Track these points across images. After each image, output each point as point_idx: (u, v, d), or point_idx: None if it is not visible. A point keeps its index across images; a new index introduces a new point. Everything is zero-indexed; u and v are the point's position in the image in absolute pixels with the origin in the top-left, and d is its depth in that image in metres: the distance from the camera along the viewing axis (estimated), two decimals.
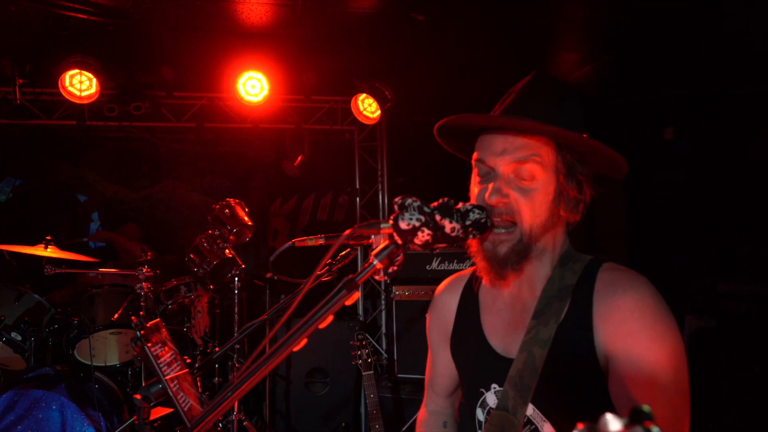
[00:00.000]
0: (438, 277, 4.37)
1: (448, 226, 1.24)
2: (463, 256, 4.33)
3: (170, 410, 1.75)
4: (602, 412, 1.22)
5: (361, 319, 5.48)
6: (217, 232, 4.19)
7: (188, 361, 1.85)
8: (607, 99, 6.42)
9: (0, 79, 4.98)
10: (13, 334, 3.81)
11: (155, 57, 5.04)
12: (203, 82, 5.31)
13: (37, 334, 3.85)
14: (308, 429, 5.08)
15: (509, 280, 1.42)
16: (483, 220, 1.28)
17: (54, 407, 3.52)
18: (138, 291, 3.66)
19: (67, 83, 4.67)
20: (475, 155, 1.44)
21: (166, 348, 1.80)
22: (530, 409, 1.37)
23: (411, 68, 5.60)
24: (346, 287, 1.30)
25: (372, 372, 3.53)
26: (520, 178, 1.35)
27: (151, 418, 1.68)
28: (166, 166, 6.26)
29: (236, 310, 4.26)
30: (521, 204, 1.35)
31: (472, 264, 1.55)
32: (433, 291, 4.52)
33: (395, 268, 1.31)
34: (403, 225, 1.20)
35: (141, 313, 1.72)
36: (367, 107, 5.28)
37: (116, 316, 3.84)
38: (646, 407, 0.60)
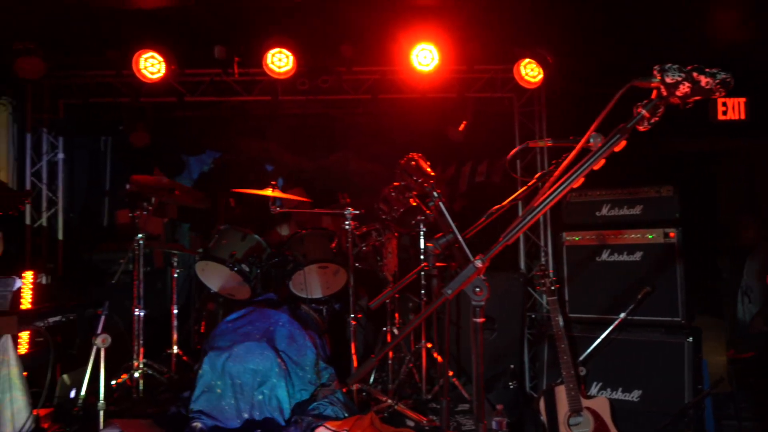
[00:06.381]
0: (607, 222, 4.63)
1: (703, 80, 1.59)
2: (633, 202, 4.55)
3: None
4: None
5: (523, 270, 5.84)
6: (403, 183, 4.72)
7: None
8: None
9: (208, 63, 5.90)
10: (243, 266, 4.59)
11: (338, 35, 5.71)
12: (378, 57, 5.91)
13: (261, 266, 4.61)
14: None
15: None
16: (728, 80, 1.62)
17: (281, 323, 4.22)
18: (345, 227, 4.30)
19: (269, 61, 5.44)
20: None
21: None
22: None
23: (567, 39, 5.87)
24: (619, 132, 1.69)
25: (556, 298, 3.88)
26: None
27: None
28: (339, 138, 6.99)
29: (423, 256, 4.75)
30: None
31: (643, 211, 1.69)
32: (603, 236, 4.73)
33: (656, 119, 1.69)
34: (668, 79, 1.59)
35: (432, 173, 2.20)
36: (529, 72, 5.62)
37: (334, 245, 4.52)
38: None
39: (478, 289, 1.75)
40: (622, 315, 4.24)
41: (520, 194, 2.63)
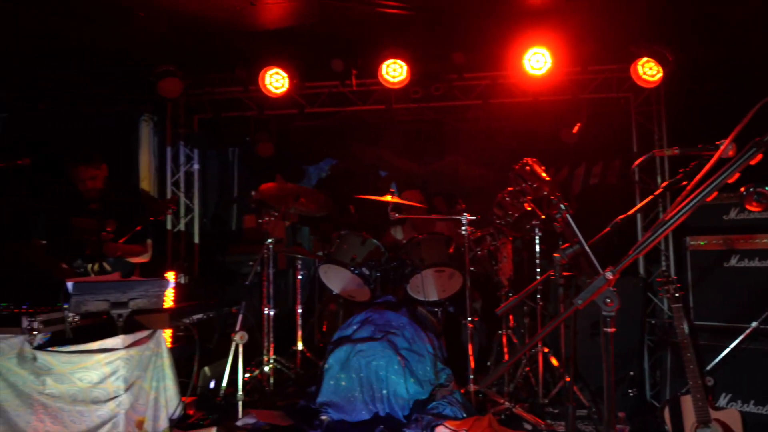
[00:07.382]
0: (736, 226, 4.42)
1: None
2: None
3: None
4: None
5: (642, 275, 5.69)
6: (517, 188, 4.76)
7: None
8: None
9: (326, 76, 6.24)
10: (363, 269, 4.84)
11: (449, 43, 5.84)
12: (489, 63, 5.98)
13: (380, 269, 4.85)
14: (594, 375, 5.42)
15: None
16: None
17: (401, 324, 4.40)
18: (462, 232, 4.42)
19: (384, 72, 5.67)
20: None
21: None
22: None
23: (687, 35, 5.63)
24: (755, 146, 1.70)
25: (681, 305, 3.78)
26: None
27: None
28: (449, 143, 7.13)
29: (537, 260, 4.77)
30: None
31: None
32: (731, 241, 4.53)
33: None
34: None
35: (548, 178, 2.30)
36: (648, 71, 5.46)
37: (451, 249, 4.68)
38: None
39: (608, 300, 1.82)
40: (754, 324, 4.06)
41: (645, 203, 2.63)
